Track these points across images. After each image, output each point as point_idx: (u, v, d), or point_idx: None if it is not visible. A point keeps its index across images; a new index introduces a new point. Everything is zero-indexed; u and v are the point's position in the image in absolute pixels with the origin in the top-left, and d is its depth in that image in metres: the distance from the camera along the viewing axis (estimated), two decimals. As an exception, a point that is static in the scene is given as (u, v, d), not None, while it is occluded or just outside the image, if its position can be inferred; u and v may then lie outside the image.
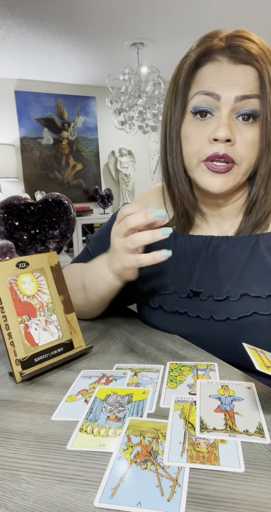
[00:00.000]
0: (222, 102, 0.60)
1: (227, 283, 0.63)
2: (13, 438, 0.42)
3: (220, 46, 0.61)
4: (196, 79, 0.63)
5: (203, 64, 0.62)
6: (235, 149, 0.61)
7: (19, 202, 2.34)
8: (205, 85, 0.61)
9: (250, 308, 0.61)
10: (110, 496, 0.33)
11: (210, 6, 2.96)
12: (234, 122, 0.61)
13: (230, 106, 0.59)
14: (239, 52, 0.59)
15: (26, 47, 3.44)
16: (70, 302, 0.64)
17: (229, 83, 0.59)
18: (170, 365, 0.57)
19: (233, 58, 0.60)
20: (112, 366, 0.58)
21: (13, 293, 0.57)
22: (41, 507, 0.33)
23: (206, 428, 0.41)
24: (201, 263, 0.67)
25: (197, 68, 0.62)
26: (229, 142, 0.60)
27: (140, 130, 3.64)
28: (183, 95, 0.64)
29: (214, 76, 0.60)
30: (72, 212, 2.44)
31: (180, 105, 0.64)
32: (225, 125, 0.59)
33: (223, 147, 0.60)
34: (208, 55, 0.62)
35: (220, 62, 0.61)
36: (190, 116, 0.63)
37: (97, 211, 4.65)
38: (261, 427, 0.41)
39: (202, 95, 0.61)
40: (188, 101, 0.63)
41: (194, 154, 0.63)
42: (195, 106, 0.62)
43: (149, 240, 0.58)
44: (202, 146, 0.62)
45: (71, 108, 4.59)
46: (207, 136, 0.61)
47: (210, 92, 0.60)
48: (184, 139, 0.65)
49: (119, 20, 3.07)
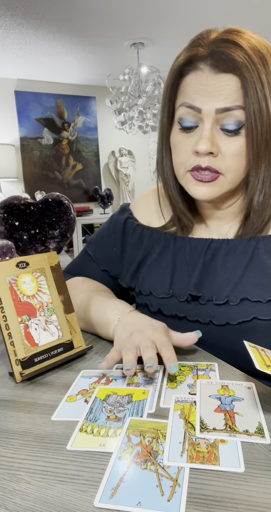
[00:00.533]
0: (204, 114, 0.59)
1: (226, 287, 0.63)
2: (13, 438, 0.42)
3: (203, 54, 0.59)
4: (181, 89, 0.62)
5: (186, 73, 0.61)
6: (219, 160, 0.60)
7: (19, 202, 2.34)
8: (188, 96, 0.60)
9: (250, 313, 0.60)
10: (110, 496, 0.33)
11: (210, 6, 2.96)
12: (218, 133, 0.60)
13: (212, 118, 0.59)
14: (221, 60, 0.57)
15: (26, 47, 3.44)
16: (70, 302, 0.64)
17: (210, 94, 0.58)
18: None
19: (215, 66, 0.58)
20: (112, 366, 0.57)
21: (13, 293, 0.57)
22: (41, 507, 0.33)
23: (206, 428, 0.41)
24: (200, 267, 0.66)
25: (182, 77, 0.62)
26: (212, 154, 0.60)
27: (140, 130, 3.64)
28: (169, 104, 0.64)
29: (195, 87, 0.59)
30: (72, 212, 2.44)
31: (167, 113, 0.65)
32: (207, 138, 0.59)
33: (206, 160, 0.60)
34: (191, 63, 0.60)
35: (202, 71, 0.59)
36: (177, 126, 0.63)
37: (97, 211, 4.65)
38: (261, 427, 0.41)
39: (185, 108, 0.61)
40: (175, 110, 0.64)
41: (181, 164, 0.64)
42: (180, 118, 0.62)
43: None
44: (187, 157, 0.62)
45: (71, 108, 4.59)
46: (191, 147, 0.61)
47: (191, 105, 0.60)
48: (172, 148, 0.66)
49: (119, 20, 3.07)
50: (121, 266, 0.77)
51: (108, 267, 0.78)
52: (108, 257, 0.79)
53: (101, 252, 0.80)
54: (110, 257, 0.78)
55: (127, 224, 0.78)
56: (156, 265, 0.71)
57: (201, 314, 0.64)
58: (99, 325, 0.66)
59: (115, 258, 0.78)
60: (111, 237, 0.79)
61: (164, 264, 0.70)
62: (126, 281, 0.75)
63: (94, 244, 0.82)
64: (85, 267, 0.82)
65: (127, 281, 0.75)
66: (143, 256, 0.74)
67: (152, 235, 0.74)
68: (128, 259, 0.76)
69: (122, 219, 0.79)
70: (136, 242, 0.75)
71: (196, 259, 0.68)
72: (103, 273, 0.79)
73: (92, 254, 0.81)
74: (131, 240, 0.76)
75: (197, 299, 0.65)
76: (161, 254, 0.72)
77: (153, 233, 0.74)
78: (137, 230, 0.76)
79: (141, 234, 0.75)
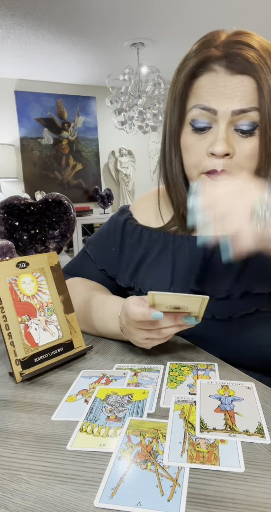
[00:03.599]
0: (220, 116, 0.59)
1: (227, 281, 0.63)
2: (13, 438, 0.42)
3: (217, 55, 0.59)
4: (193, 90, 0.62)
5: (199, 74, 0.61)
6: (234, 161, 0.60)
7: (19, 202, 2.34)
8: (202, 98, 0.60)
9: (253, 305, 0.61)
10: (110, 496, 0.33)
11: (210, 6, 2.96)
12: (233, 134, 0.60)
13: (227, 119, 0.59)
14: (236, 61, 0.58)
15: (26, 47, 3.44)
16: (70, 302, 0.64)
17: (226, 96, 0.58)
18: (170, 365, 0.57)
19: (230, 68, 0.58)
20: (112, 366, 0.58)
21: (13, 293, 0.57)
22: (41, 507, 0.33)
23: (206, 428, 0.41)
24: (200, 263, 0.67)
25: (194, 78, 0.61)
26: (227, 156, 0.60)
27: (140, 130, 3.64)
28: (181, 105, 0.63)
29: (210, 88, 0.59)
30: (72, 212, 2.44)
31: (178, 115, 0.64)
32: (223, 140, 0.59)
33: (221, 162, 0.60)
34: (204, 64, 0.60)
35: (217, 72, 0.59)
36: (189, 128, 0.63)
37: (97, 211, 4.65)
38: (261, 427, 0.41)
39: (199, 109, 0.60)
40: (186, 112, 0.63)
41: (194, 166, 0.64)
42: (193, 120, 0.61)
43: (176, 331, 0.56)
44: (201, 158, 0.62)
45: (71, 108, 4.59)
46: (205, 149, 0.61)
47: (207, 107, 0.59)
48: (183, 149, 0.65)
49: (119, 20, 3.07)
50: (119, 267, 0.77)
51: (106, 267, 0.79)
52: (107, 257, 0.79)
53: (100, 252, 0.80)
54: (109, 257, 0.78)
55: (126, 224, 0.78)
56: (156, 264, 0.71)
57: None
58: (102, 321, 0.66)
59: (113, 258, 0.78)
60: (110, 237, 0.79)
61: (164, 263, 0.71)
62: (125, 281, 0.75)
63: (93, 244, 0.83)
64: (83, 267, 0.82)
65: (126, 281, 0.75)
66: (142, 255, 0.74)
67: (151, 235, 0.75)
68: (127, 259, 0.76)
69: (121, 220, 0.79)
70: (135, 242, 0.76)
71: (196, 256, 0.68)
72: (101, 273, 0.80)
73: (90, 254, 0.81)
74: (130, 240, 0.76)
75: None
76: (160, 253, 0.72)
77: (152, 233, 0.75)
78: (136, 230, 0.76)
79: (140, 234, 0.76)
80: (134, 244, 0.76)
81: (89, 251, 0.82)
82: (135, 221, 0.78)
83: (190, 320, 0.54)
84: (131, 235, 0.77)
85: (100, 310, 0.67)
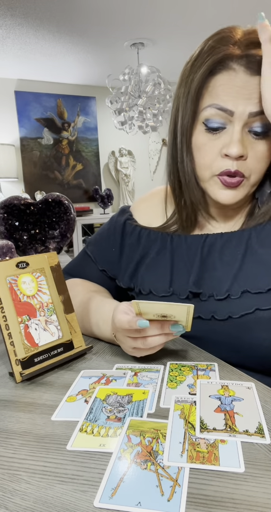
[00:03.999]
0: (236, 117, 0.58)
1: (226, 281, 0.63)
2: (13, 438, 0.42)
3: (237, 54, 0.58)
4: (209, 89, 0.60)
5: (217, 72, 0.59)
6: (246, 163, 0.60)
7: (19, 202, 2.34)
8: (219, 97, 0.58)
9: (252, 305, 0.61)
10: (110, 496, 0.33)
11: (210, 6, 2.96)
12: (246, 136, 0.59)
13: (243, 121, 0.58)
14: (255, 62, 0.56)
15: (26, 47, 3.44)
16: (70, 302, 0.64)
17: (244, 96, 0.57)
18: (170, 365, 0.57)
19: (250, 68, 0.57)
20: (112, 366, 0.58)
21: (13, 293, 0.57)
22: (41, 507, 0.33)
23: (206, 428, 0.41)
24: (198, 263, 0.67)
25: (211, 75, 0.59)
26: (241, 158, 0.59)
27: (140, 130, 3.64)
28: (195, 102, 0.61)
29: (228, 88, 0.58)
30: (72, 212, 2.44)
31: (191, 112, 0.62)
32: (238, 141, 0.58)
33: (234, 163, 0.60)
34: (223, 62, 0.58)
35: (236, 71, 0.57)
36: (202, 127, 0.61)
37: (97, 211, 4.65)
38: (261, 427, 0.41)
39: (214, 109, 0.59)
40: (200, 110, 0.61)
41: (206, 167, 0.63)
42: (207, 119, 0.60)
43: (163, 341, 0.54)
44: (214, 159, 0.61)
45: (71, 108, 4.59)
46: (219, 150, 0.60)
47: (223, 107, 0.58)
48: (195, 149, 0.64)
49: (119, 20, 3.07)
50: (119, 267, 0.77)
51: (107, 268, 0.79)
52: (107, 257, 0.79)
53: (100, 253, 0.80)
54: (109, 258, 0.78)
55: (126, 225, 0.78)
56: (155, 264, 0.72)
57: (202, 311, 0.65)
58: (97, 326, 0.66)
59: (113, 258, 0.78)
60: (110, 238, 0.79)
61: (163, 263, 0.71)
62: (125, 281, 0.75)
63: (93, 245, 0.82)
64: (83, 267, 0.82)
65: (126, 281, 0.75)
66: (141, 256, 0.74)
67: (150, 235, 0.75)
68: (127, 260, 0.76)
69: (121, 220, 0.79)
70: (134, 242, 0.76)
71: (193, 256, 0.68)
72: (101, 274, 0.79)
73: (91, 254, 0.81)
74: (130, 240, 0.76)
75: (198, 296, 0.65)
76: (159, 253, 0.72)
77: (151, 233, 0.75)
78: (135, 231, 0.76)
79: (139, 234, 0.76)
80: (134, 244, 0.76)
81: (89, 252, 0.82)
82: (134, 221, 0.78)
83: (178, 328, 0.53)
84: (131, 235, 0.77)
85: (96, 314, 0.67)
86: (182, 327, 0.53)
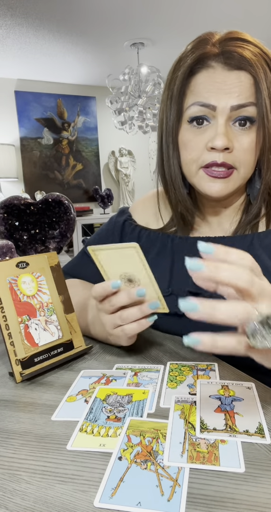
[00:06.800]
0: (219, 111, 0.60)
1: None
2: (13, 438, 0.42)
3: (214, 52, 0.60)
4: (191, 88, 0.62)
5: (197, 72, 0.61)
6: (234, 155, 0.61)
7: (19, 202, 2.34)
8: (201, 95, 0.60)
9: None
10: (110, 496, 0.33)
11: (210, 6, 2.96)
12: (231, 129, 0.61)
13: (226, 114, 0.59)
14: (233, 57, 0.59)
15: (26, 47, 3.44)
16: (70, 302, 0.64)
17: (224, 91, 0.59)
18: (170, 365, 0.57)
19: (227, 64, 0.59)
20: (112, 366, 0.58)
21: (13, 293, 0.57)
22: (41, 507, 0.33)
23: (206, 428, 0.41)
24: None
25: (191, 75, 0.62)
26: (227, 150, 0.60)
27: (140, 130, 3.64)
28: (178, 103, 0.63)
29: (208, 84, 0.60)
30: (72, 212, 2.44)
31: (175, 113, 0.64)
32: (223, 134, 0.59)
33: (221, 155, 0.60)
34: (201, 61, 0.61)
35: (214, 68, 0.60)
36: (187, 125, 0.63)
37: (97, 211, 4.65)
38: (261, 427, 0.41)
39: (198, 106, 0.61)
40: (184, 110, 0.63)
41: (193, 161, 0.63)
42: (191, 117, 0.62)
43: (139, 316, 0.54)
44: (200, 153, 0.62)
45: (71, 108, 4.60)
46: (205, 144, 0.61)
47: (206, 104, 0.60)
48: (181, 146, 0.65)
49: (119, 20, 3.07)
50: None
51: None
52: None
53: None
54: None
55: (125, 225, 0.78)
56: (154, 265, 0.72)
57: None
58: (93, 325, 0.66)
59: None
60: (109, 238, 0.79)
61: (163, 264, 0.71)
62: None
63: (92, 245, 0.83)
64: (82, 267, 0.82)
65: None
66: None
67: (150, 235, 0.75)
68: None
69: (120, 221, 0.79)
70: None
71: (194, 257, 0.68)
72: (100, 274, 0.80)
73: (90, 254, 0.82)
74: (129, 240, 0.76)
75: (197, 296, 0.65)
76: (159, 254, 0.72)
77: (151, 234, 0.75)
78: (135, 231, 0.76)
79: (138, 234, 0.76)
80: None
81: (88, 252, 0.82)
82: (134, 222, 0.78)
83: (154, 305, 0.53)
84: (130, 235, 0.77)
85: (93, 314, 0.67)
86: (158, 303, 0.53)
